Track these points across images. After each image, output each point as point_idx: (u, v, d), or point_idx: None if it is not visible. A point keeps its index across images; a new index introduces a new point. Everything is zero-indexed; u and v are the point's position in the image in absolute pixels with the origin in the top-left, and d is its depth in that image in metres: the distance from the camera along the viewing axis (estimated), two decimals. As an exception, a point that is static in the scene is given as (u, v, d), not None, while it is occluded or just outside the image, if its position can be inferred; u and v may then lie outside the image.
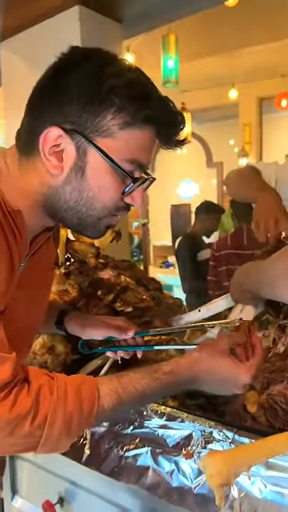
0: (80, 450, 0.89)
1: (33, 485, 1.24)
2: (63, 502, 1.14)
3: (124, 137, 0.66)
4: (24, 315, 0.79)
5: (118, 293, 1.22)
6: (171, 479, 0.77)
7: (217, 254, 2.66)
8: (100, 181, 0.67)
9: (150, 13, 2.67)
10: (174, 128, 0.70)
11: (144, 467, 0.80)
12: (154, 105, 0.67)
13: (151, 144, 0.70)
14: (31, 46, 2.75)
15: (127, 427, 0.85)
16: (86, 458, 0.87)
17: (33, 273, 0.79)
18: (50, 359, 1.08)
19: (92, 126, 0.65)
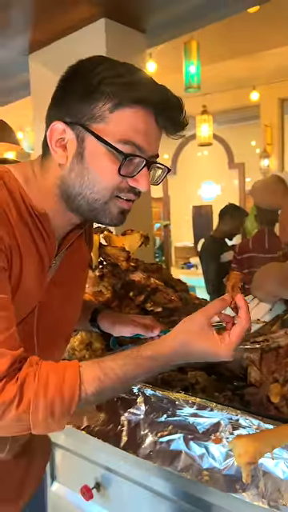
0: (118, 436, 0.98)
1: (70, 471, 1.34)
2: (99, 487, 1.23)
3: (114, 118, 0.70)
4: (59, 311, 0.86)
5: (148, 294, 1.31)
6: (202, 462, 0.86)
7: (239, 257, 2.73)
8: (97, 163, 0.72)
9: (174, 22, 2.74)
10: (169, 109, 0.73)
11: (177, 451, 0.89)
12: (141, 87, 0.71)
13: (146, 126, 0.72)
14: (58, 58, 2.86)
15: (161, 416, 0.94)
16: (124, 444, 0.96)
17: (67, 271, 0.86)
18: (87, 355, 1.17)
19: (87, 115, 0.71)
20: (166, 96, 0.73)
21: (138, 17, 2.62)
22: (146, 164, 0.73)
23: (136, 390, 0.98)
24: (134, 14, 2.57)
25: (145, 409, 0.96)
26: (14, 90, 3.92)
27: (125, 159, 0.70)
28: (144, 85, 0.72)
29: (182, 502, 1.03)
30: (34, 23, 2.66)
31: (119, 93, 0.70)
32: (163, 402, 0.94)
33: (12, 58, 3.19)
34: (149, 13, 2.58)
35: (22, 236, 0.73)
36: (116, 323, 1.07)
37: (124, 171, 0.72)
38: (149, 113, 0.72)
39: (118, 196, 0.75)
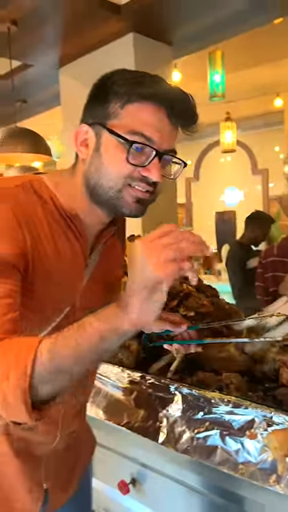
0: (157, 432, 1.05)
1: (107, 467, 1.41)
2: (135, 483, 1.30)
3: (125, 114, 0.76)
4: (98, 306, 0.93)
5: (181, 299, 1.37)
6: (237, 456, 0.91)
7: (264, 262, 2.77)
8: (109, 154, 0.77)
9: (200, 35, 2.82)
10: (177, 104, 0.77)
11: (213, 446, 0.95)
12: (149, 85, 0.76)
13: (156, 119, 0.76)
14: (88, 71, 2.98)
15: (198, 413, 1.00)
16: (163, 439, 1.02)
17: (104, 268, 0.93)
18: (125, 356, 1.24)
19: (104, 114, 0.78)
20: (173, 92, 0.78)
21: (165, 30, 2.71)
22: (157, 155, 0.76)
23: (173, 389, 1.05)
24: (162, 28, 2.66)
25: (182, 407, 1.02)
26: (45, 101, 4.08)
27: (130, 146, 0.75)
28: (152, 83, 0.77)
29: (216, 496, 1.08)
30: (65, 39, 2.78)
31: (128, 90, 0.76)
32: (200, 400, 1.00)
33: (43, 72, 3.33)
34: (176, 26, 2.67)
35: (55, 237, 0.80)
36: None
37: (133, 160, 0.76)
38: (159, 108, 0.76)
39: (132, 185, 0.79)
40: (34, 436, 0.90)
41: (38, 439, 0.91)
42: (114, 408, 1.17)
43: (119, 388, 1.17)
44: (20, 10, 2.36)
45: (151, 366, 1.25)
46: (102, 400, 1.20)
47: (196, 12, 2.51)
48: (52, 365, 0.63)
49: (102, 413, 1.19)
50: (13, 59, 2.82)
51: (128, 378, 1.15)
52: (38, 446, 0.92)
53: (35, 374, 0.62)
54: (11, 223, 0.73)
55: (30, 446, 0.91)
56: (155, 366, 1.20)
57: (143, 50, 2.76)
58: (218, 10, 2.49)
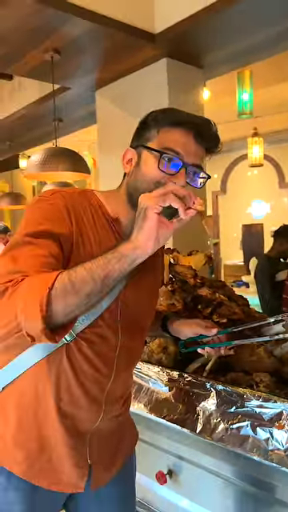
0: (194, 423, 1.18)
1: (145, 459, 1.53)
2: (172, 474, 1.42)
3: (160, 136, 0.94)
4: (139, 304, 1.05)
5: (214, 307, 1.50)
6: (267, 445, 1.03)
7: (292, 274, 2.87)
8: (145, 165, 0.94)
9: (231, 58, 2.96)
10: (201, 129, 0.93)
11: (245, 436, 1.07)
12: (178, 115, 0.96)
13: (184, 140, 0.92)
14: (122, 93, 3.17)
15: (231, 407, 1.12)
16: (200, 430, 1.15)
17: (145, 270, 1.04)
18: (164, 357, 1.38)
19: (144, 139, 0.96)
20: (199, 120, 0.96)
21: (197, 55, 2.86)
22: (183, 166, 0.91)
23: (209, 386, 1.17)
24: (194, 53, 2.82)
25: (217, 401, 1.14)
26: (80, 120, 4.30)
27: (161, 155, 0.92)
28: (181, 113, 0.97)
29: (248, 486, 1.20)
30: (102, 65, 2.98)
31: (164, 119, 0.95)
32: (233, 395, 1.13)
33: (80, 94, 3.54)
34: (207, 52, 2.82)
35: (100, 232, 0.96)
36: (180, 325, 1.22)
37: (162, 167, 0.91)
38: (187, 132, 0.93)
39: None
40: (80, 412, 1.00)
41: (84, 416, 1.01)
42: (154, 403, 1.30)
43: (159, 385, 1.30)
44: (63, 40, 2.56)
45: (188, 367, 1.38)
46: (144, 396, 1.34)
47: (228, 38, 2.64)
48: (68, 281, 0.75)
49: (144, 407, 1.32)
50: (54, 83, 3.03)
51: (167, 376, 1.28)
52: (84, 423, 1.02)
53: (54, 287, 0.74)
54: (62, 213, 0.91)
55: (77, 423, 1.01)
56: (191, 367, 1.33)
57: (175, 73, 2.91)
58: (250, 35, 2.61)
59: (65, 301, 0.75)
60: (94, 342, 0.97)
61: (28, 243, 0.85)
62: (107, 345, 0.99)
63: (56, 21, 2.31)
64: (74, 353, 0.96)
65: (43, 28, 2.38)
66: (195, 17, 2.40)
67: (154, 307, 1.18)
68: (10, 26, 2.33)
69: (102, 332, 0.98)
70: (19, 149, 5.80)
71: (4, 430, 1.01)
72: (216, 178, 8.89)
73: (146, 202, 0.76)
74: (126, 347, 1.02)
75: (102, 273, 0.76)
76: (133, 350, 1.06)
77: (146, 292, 1.08)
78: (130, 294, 1.03)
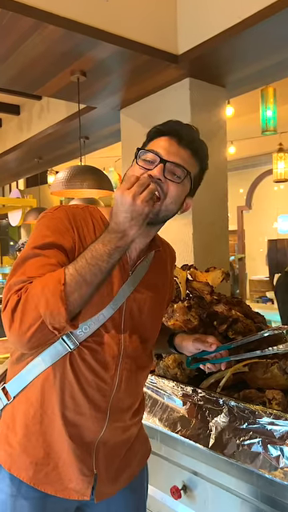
0: (207, 439, 1.19)
1: (160, 474, 1.55)
2: (186, 489, 1.43)
3: (149, 144, 1.04)
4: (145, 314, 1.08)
5: (230, 324, 1.53)
6: (277, 462, 1.04)
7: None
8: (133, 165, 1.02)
9: (254, 77, 2.99)
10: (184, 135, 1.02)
11: (256, 453, 1.08)
12: (167, 125, 1.05)
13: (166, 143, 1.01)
14: (146, 112, 3.24)
15: (243, 423, 1.14)
16: (212, 445, 1.17)
17: (152, 280, 1.11)
18: (179, 372, 1.41)
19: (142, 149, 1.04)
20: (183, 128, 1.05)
21: (220, 75, 2.91)
22: (161, 161, 0.99)
23: (222, 402, 1.19)
24: (217, 73, 2.87)
25: (229, 417, 1.16)
26: (105, 137, 4.41)
27: (138, 151, 1.01)
28: (168, 124, 1.06)
29: (262, 504, 1.20)
30: (127, 86, 3.06)
31: (152, 132, 1.06)
32: (245, 412, 1.15)
33: (105, 113, 3.64)
34: (230, 71, 2.86)
35: None
36: (183, 340, 1.23)
37: (141, 163, 1.00)
38: (171, 138, 1.02)
39: None
40: (84, 421, 1.03)
41: (88, 424, 1.03)
42: (169, 417, 1.32)
43: (174, 400, 1.33)
44: (89, 62, 2.66)
45: (202, 383, 1.40)
46: (159, 410, 1.36)
47: (251, 58, 2.67)
48: (79, 275, 0.87)
49: (159, 421, 1.35)
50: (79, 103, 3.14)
51: (182, 391, 1.31)
52: (88, 432, 1.04)
53: (66, 281, 0.86)
54: (65, 224, 0.99)
55: (81, 431, 1.03)
56: (205, 383, 1.35)
57: (198, 93, 2.96)
58: (274, 54, 2.62)
59: (80, 292, 0.87)
60: (97, 351, 1.01)
61: (36, 255, 0.94)
62: (109, 353, 1.02)
63: (83, 45, 2.40)
64: (77, 361, 1.00)
65: (71, 52, 2.48)
66: (218, 38, 2.45)
67: (159, 320, 1.20)
68: (41, 51, 2.44)
69: (103, 341, 1.02)
70: (47, 165, 5.97)
71: (12, 437, 1.05)
72: (241, 193, 8.89)
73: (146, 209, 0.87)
74: (130, 357, 1.06)
75: (107, 265, 0.89)
76: (137, 360, 1.09)
77: (150, 304, 1.11)
78: (134, 305, 1.07)
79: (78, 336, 0.99)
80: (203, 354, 1.19)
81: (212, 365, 1.17)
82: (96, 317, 1.00)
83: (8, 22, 2.09)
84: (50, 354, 1.00)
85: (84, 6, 2.22)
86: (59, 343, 0.99)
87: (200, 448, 1.21)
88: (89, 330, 0.99)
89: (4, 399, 1.07)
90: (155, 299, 1.13)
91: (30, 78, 2.83)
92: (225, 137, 3.14)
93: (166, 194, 1.00)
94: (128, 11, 2.43)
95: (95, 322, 1.00)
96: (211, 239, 3.01)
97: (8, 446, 1.05)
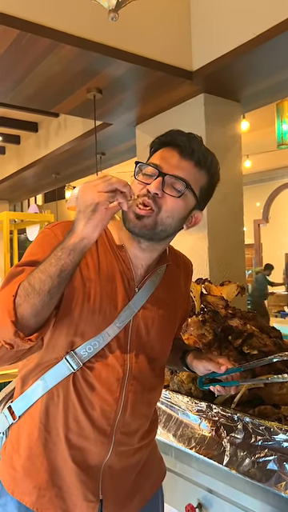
0: (221, 455, 1.18)
1: (175, 491, 1.53)
2: (201, 508, 1.41)
3: (151, 158, 1.01)
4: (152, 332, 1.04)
5: (245, 338, 1.51)
6: (294, 481, 1.02)
7: None
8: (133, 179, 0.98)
9: (269, 91, 3.00)
10: (186, 145, 0.97)
11: (272, 470, 1.06)
12: (169, 135, 1.01)
13: (168, 155, 0.97)
14: (162, 127, 3.26)
15: (258, 440, 1.12)
16: (227, 462, 1.15)
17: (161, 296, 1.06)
18: (193, 387, 1.39)
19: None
20: (185, 138, 0.99)
21: (235, 90, 2.93)
22: (160, 175, 0.94)
23: (236, 418, 1.18)
24: (232, 88, 2.89)
25: (244, 434, 1.14)
26: (121, 153, 4.47)
27: (136, 165, 0.98)
28: (169, 134, 1.01)
29: (277, 523, 1.17)
30: (142, 102, 3.10)
31: (155, 144, 1.03)
32: (260, 428, 1.12)
33: (121, 129, 3.69)
34: (245, 86, 2.87)
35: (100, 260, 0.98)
36: (194, 359, 1.16)
37: (141, 178, 0.96)
38: (172, 149, 0.98)
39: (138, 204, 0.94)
40: (88, 444, 0.98)
41: (92, 449, 0.99)
42: (183, 433, 1.31)
43: (188, 415, 1.31)
44: (105, 80, 2.71)
45: (217, 398, 1.39)
46: (173, 426, 1.35)
47: (265, 73, 2.68)
48: (28, 285, 0.83)
49: (173, 437, 1.33)
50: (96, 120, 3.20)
51: (196, 406, 1.29)
52: (93, 456, 0.99)
53: (18, 294, 0.83)
54: (59, 239, 0.91)
55: (86, 455, 0.99)
56: (220, 398, 1.34)
57: (213, 108, 2.98)
58: (287, 69, 2.65)
59: (29, 302, 0.83)
60: (100, 372, 0.97)
61: (22, 271, 0.91)
62: (113, 375, 0.98)
63: (98, 64, 2.46)
64: (81, 382, 0.97)
65: (87, 70, 2.53)
66: (232, 53, 2.48)
67: (169, 339, 1.13)
68: (58, 70, 2.50)
69: (108, 362, 0.98)
70: (65, 181, 6.06)
71: (16, 459, 1.01)
72: (258, 207, 8.85)
73: (96, 198, 0.80)
74: (136, 378, 1.01)
75: (55, 269, 0.83)
76: (144, 382, 1.03)
77: (159, 322, 1.06)
78: (141, 323, 1.02)
79: (82, 356, 0.96)
80: (215, 375, 1.14)
81: (222, 388, 1.12)
82: (100, 336, 0.96)
83: (26, 42, 2.15)
84: (53, 374, 0.97)
85: (99, 25, 2.27)
86: (63, 363, 0.96)
87: (215, 465, 1.19)
88: (92, 350, 0.96)
89: (10, 418, 1.05)
90: (165, 317, 1.08)
91: (47, 95, 2.89)
92: (240, 151, 3.15)
93: (161, 207, 0.95)
94: (142, 29, 2.48)
95: (99, 341, 0.96)
96: (227, 253, 3.00)
97: (12, 469, 1.02)
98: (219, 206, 2.95)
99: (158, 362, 1.09)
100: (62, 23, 2.14)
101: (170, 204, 0.95)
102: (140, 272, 1.03)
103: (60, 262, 0.82)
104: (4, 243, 5.26)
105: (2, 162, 6.03)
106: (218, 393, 1.13)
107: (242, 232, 3.14)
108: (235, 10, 2.44)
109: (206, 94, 2.93)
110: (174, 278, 1.14)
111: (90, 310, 0.95)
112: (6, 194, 6.91)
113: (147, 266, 1.04)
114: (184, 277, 1.20)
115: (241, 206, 3.11)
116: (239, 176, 3.12)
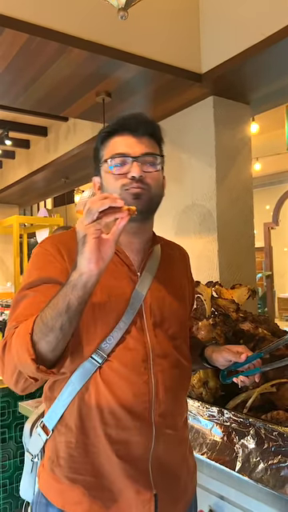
0: (233, 461, 1.15)
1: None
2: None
3: (105, 152, 1.02)
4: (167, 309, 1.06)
5: (256, 342, 1.49)
6: (308, 488, 0.99)
7: None
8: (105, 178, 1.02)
9: (278, 93, 2.98)
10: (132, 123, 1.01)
11: (286, 477, 1.04)
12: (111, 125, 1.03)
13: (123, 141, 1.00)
14: (171, 130, 3.27)
15: (271, 446, 1.10)
16: (239, 468, 1.13)
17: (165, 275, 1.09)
18: (204, 392, 1.37)
19: (98, 162, 1.04)
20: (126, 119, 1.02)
21: (244, 92, 2.91)
22: (133, 160, 0.98)
23: (249, 423, 1.15)
24: (241, 90, 2.88)
25: (256, 439, 1.12)
26: (130, 157, 4.47)
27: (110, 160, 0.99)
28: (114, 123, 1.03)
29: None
30: (151, 105, 3.10)
31: (102, 137, 1.04)
32: (273, 434, 1.10)
33: (130, 132, 3.69)
34: (254, 89, 2.86)
35: None
36: (213, 352, 1.18)
37: (118, 171, 0.99)
38: (122, 133, 1.01)
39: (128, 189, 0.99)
40: (129, 436, 0.97)
41: (135, 439, 0.97)
42: (194, 439, 1.29)
43: (199, 421, 1.29)
44: (114, 84, 2.71)
45: (228, 403, 1.37)
46: (183, 431, 1.33)
47: (275, 74, 2.66)
48: (41, 322, 0.83)
49: (183, 442, 1.31)
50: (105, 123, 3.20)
51: (207, 411, 1.27)
52: (137, 448, 0.97)
53: (34, 331, 0.83)
54: (52, 254, 0.97)
55: (130, 448, 0.97)
56: (232, 403, 1.32)
57: (222, 110, 2.97)
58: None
59: (45, 339, 0.83)
60: (125, 358, 0.98)
61: (24, 296, 0.94)
62: (138, 358, 0.99)
63: (108, 67, 2.46)
64: (108, 373, 0.97)
65: (96, 74, 2.53)
66: (242, 55, 2.46)
67: (183, 315, 1.15)
68: (67, 74, 2.50)
69: (130, 346, 0.99)
70: (74, 185, 6.08)
71: (59, 472, 0.99)
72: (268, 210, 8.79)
73: (84, 231, 0.79)
74: (160, 356, 1.02)
75: (63, 306, 0.82)
76: (170, 359, 1.04)
77: (170, 300, 1.09)
78: (153, 304, 1.04)
79: (105, 349, 0.97)
80: (236, 367, 1.12)
81: (245, 377, 1.10)
82: (117, 326, 0.98)
83: (36, 47, 2.16)
84: (79, 374, 0.98)
85: (107, 29, 2.28)
86: (88, 361, 0.97)
87: (226, 471, 1.17)
88: (113, 340, 0.98)
89: (43, 435, 1.04)
90: (174, 295, 1.10)
91: (56, 99, 2.90)
92: (250, 154, 3.13)
93: (149, 184, 1.00)
94: (151, 32, 2.47)
95: (117, 330, 0.98)
96: (237, 256, 2.98)
97: (56, 483, 1.00)
98: (229, 209, 2.93)
99: (179, 340, 1.10)
100: (71, 27, 2.15)
101: (153, 178, 1.01)
102: (136, 257, 1.06)
103: (66, 299, 0.82)
104: (14, 247, 5.29)
105: (11, 167, 6.07)
106: (241, 384, 1.11)
107: (252, 235, 3.12)
108: (244, 11, 2.43)
109: (215, 97, 2.91)
110: (173, 259, 1.17)
111: (102, 307, 0.97)
112: (16, 198, 6.94)
113: (142, 249, 1.07)
114: (182, 260, 1.23)
115: (251, 209, 3.09)
116: (249, 179, 3.10)
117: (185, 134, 3.12)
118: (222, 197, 2.89)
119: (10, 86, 2.63)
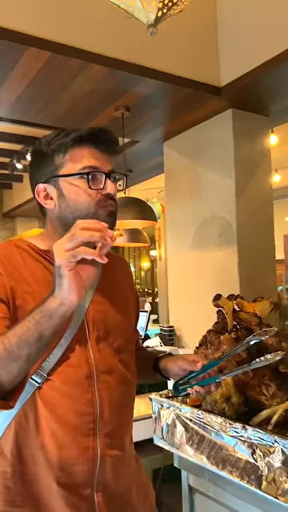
0: (258, 479, 1.12)
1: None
2: (237, 534, 1.35)
3: (69, 160, 0.97)
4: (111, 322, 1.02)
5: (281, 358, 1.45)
6: None
7: None
8: (74, 192, 0.96)
9: (297, 105, 2.97)
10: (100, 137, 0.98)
11: (314, 498, 1.00)
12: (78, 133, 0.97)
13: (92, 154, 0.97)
14: (189, 144, 3.28)
15: (298, 465, 1.07)
16: (264, 487, 1.10)
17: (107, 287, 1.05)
18: (227, 407, 1.35)
19: (52, 169, 0.98)
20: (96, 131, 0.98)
21: (263, 105, 2.91)
22: (106, 176, 0.96)
23: (273, 441, 1.12)
24: (260, 102, 2.88)
25: (282, 457, 1.09)
26: (149, 170, 4.49)
27: (88, 175, 0.95)
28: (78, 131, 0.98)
29: None
30: (170, 119, 3.12)
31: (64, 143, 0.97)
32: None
33: (149, 146, 3.72)
34: (273, 100, 2.86)
35: (36, 270, 0.96)
36: (167, 363, 1.15)
37: (94, 186, 0.95)
38: (91, 145, 0.97)
39: (103, 205, 0.96)
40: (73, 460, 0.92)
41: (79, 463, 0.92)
42: (217, 455, 1.26)
43: (222, 437, 1.26)
44: (133, 98, 2.74)
45: (252, 419, 1.33)
46: (206, 448, 1.30)
47: (293, 87, 2.67)
48: (4, 350, 0.77)
49: (206, 459, 1.29)
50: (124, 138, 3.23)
51: (230, 427, 1.24)
52: (81, 473, 0.92)
53: None
54: None
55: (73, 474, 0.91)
56: (256, 419, 1.28)
57: (241, 123, 2.97)
58: None
59: (6, 369, 0.78)
60: (67, 375, 0.93)
61: None
62: (81, 374, 0.95)
63: (127, 82, 2.49)
64: (48, 393, 0.92)
65: (115, 89, 2.57)
66: (261, 68, 2.47)
67: (128, 328, 1.12)
68: (87, 90, 2.55)
69: (72, 363, 0.94)
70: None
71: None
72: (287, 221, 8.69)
73: (58, 261, 0.75)
74: (105, 372, 0.98)
75: (34, 334, 0.77)
76: (115, 375, 1.01)
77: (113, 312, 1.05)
78: (96, 317, 1.01)
79: (44, 367, 0.91)
80: (191, 377, 1.07)
81: (200, 387, 1.04)
82: (59, 342, 0.92)
83: (58, 64, 2.20)
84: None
85: (126, 45, 2.31)
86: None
87: (251, 490, 1.14)
88: (53, 358, 0.92)
89: None
90: (118, 306, 1.07)
91: (77, 115, 2.95)
92: (269, 165, 3.11)
93: (117, 203, 1.01)
94: (169, 46, 2.50)
95: (58, 347, 0.92)
96: (257, 268, 2.95)
97: None
98: (249, 221, 2.91)
99: (125, 354, 1.07)
100: (91, 44, 2.19)
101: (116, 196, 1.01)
102: None
103: (39, 328, 0.77)
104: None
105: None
106: (196, 394, 1.06)
107: (272, 247, 3.09)
108: (262, 23, 2.44)
109: (234, 109, 2.92)
110: (115, 271, 1.14)
111: None
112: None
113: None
114: (124, 271, 1.20)
115: (271, 221, 3.06)
116: (269, 191, 3.08)
117: (203, 147, 3.13)
118: (241, 209, 2.87)
119: (32, 102, 2.69)
